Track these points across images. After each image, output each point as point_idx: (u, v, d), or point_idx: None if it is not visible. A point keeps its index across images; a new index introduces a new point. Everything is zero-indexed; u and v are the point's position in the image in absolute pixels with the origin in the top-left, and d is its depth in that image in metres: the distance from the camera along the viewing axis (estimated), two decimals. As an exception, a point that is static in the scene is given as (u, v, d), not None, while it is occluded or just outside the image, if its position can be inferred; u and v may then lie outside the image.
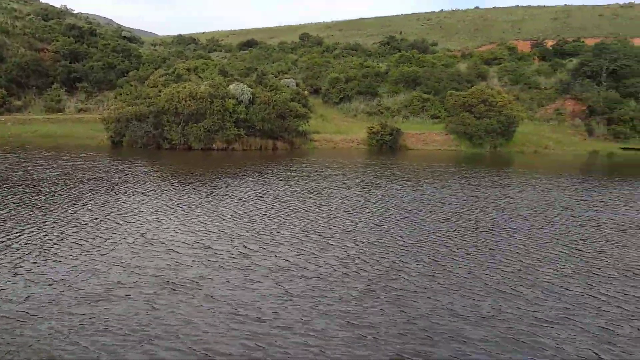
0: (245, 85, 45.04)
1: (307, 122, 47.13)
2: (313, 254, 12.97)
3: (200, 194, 20.90)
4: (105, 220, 16.20)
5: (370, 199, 20.59)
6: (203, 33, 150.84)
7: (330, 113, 61.32)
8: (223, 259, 12.45)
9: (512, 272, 11.88)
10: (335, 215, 17.50)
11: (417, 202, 20.34)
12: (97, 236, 14.31)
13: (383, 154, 43.42)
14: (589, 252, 13.80)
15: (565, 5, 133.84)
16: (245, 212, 17.49)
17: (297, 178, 25.80)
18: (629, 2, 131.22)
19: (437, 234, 15.33)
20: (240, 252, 12.93)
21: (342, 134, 51.20)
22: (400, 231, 15.63)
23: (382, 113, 59.73)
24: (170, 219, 16.37)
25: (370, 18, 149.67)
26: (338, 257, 12.70)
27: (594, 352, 8.28)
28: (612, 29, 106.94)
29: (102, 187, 21.73)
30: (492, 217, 17.82)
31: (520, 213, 18.70)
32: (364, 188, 23.46)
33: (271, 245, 13.57)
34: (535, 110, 60.71)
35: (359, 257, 12.75)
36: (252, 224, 16.01)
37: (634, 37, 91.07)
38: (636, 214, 19.16)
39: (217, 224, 15.89)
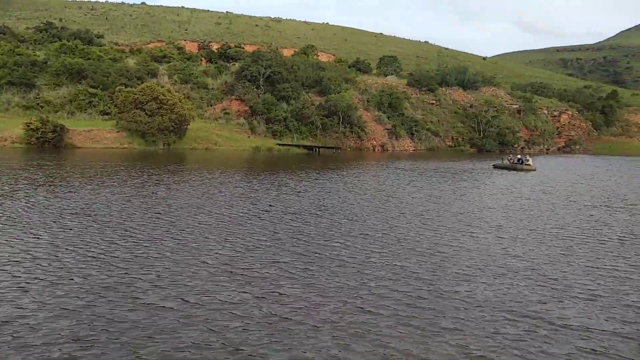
0: None
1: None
2: None
3: None
4: None
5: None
6: None
7: (-29, 106, 51.15)
8: None
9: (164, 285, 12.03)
10: None
11: (53, 208, 17.68)
12: None
13: (45, 153, 38.52)
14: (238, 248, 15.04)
15: (227, 12, 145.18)
16: None
17: None
18: (278, 17, 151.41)
19: (75, 248, 12.96)
20: None
21: (-10, 131, 43.44)
22: (30, 245, 12.91)
23: (42, 107, 53.20)
24: None
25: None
26: None
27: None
28: (265, 39, 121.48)
29: None
30: (154, 222, 16.74)
31: (185, 208, 19.26)
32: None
33: None
34: (204, 109, 63.95)
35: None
36: None
37: (283, 47, 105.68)
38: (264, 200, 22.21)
39: None
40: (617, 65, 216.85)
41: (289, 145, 58.85)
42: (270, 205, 20.31)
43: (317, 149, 58.72)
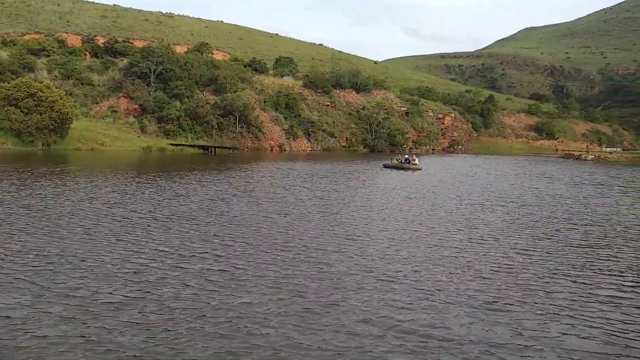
0: None
1: None
2: None
3: None
4: None
5: None
6: None
7: None
8: None
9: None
10: None
11: None
12: None
13: None
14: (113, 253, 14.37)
15: (114, 5, 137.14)
16: None
17: None
18: (170, 13, 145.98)
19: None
20: None
21: None
22: None
23: None
24: None
25: None
26: None
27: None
28: (156, 34, 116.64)
29: None
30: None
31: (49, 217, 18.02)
32: None
33: None
34: (89, 107, 60.12)
35: None
36: None
37: (175, 44, 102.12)
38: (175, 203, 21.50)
39: None
40: (494, 71, 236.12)
41: (183, 145, 57.14)
42: (150, 212, 19.15)
43: (213, 149, 57.60)
